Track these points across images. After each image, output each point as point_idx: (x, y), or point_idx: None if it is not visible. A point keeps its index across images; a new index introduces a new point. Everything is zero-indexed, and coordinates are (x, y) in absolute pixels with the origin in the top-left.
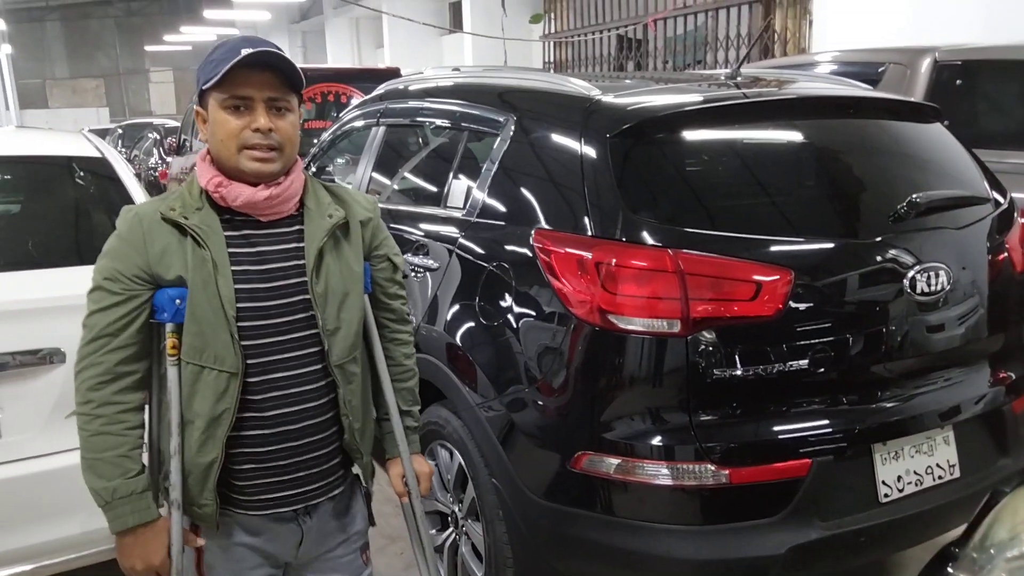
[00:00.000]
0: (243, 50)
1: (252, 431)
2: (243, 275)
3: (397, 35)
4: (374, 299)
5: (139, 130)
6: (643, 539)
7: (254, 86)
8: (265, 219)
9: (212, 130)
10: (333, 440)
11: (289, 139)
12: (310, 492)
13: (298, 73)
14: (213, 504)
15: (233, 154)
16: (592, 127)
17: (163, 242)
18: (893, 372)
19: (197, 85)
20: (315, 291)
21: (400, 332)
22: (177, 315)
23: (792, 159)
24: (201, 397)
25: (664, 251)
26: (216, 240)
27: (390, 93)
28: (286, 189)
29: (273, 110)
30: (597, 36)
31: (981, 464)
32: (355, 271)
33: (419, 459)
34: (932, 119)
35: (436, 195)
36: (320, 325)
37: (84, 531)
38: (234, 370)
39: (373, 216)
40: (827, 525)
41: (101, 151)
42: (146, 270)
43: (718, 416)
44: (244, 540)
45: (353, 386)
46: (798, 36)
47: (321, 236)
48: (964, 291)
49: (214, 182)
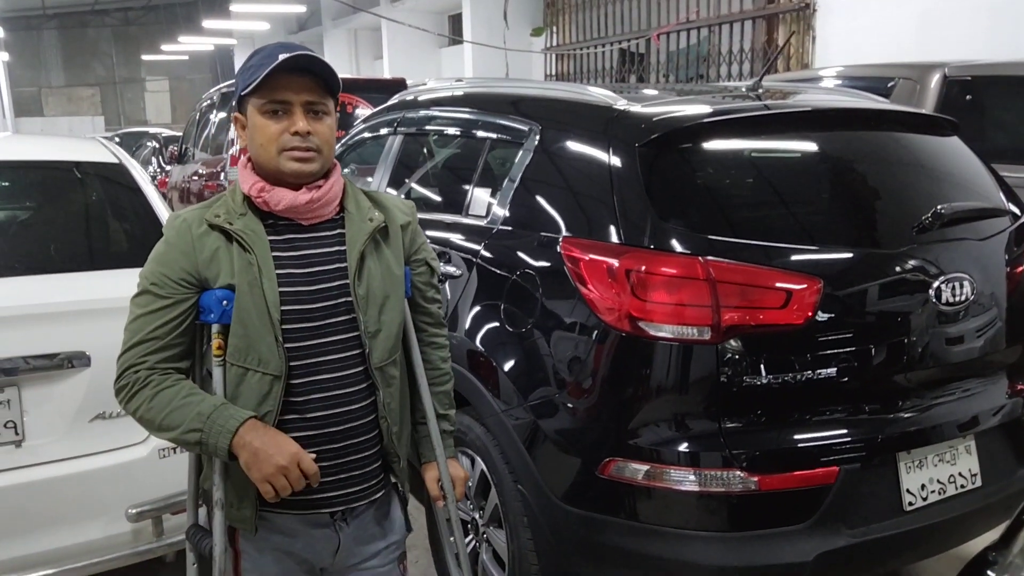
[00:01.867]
0: (280, 55)
1: (295, 433)
2: (287, 278)
3: (396, 46)
4: (412, 303)
5: (136, 139)
6: (671, 545)
7: (292, 90)
8: (307, 223)
9: (251, 135)
10: (374, 443)
11: (327, 141)
12: (351, 495)
13: (335, 77)
14: (253, 506)
15: (273, 157)
16: (620, 136)
17: (211, 247)
18: (917, 381)
19: (236, 91)
20: (357, 293)
21: (437, 336)
22: (224, 316)
23: (817, 169)
24: (245, 399)
25: (695, 259)
26: (261, 244)
27: (406, 103)
28: (327, 192)
29: (311, 113)
30: (599, 50)
31: (1003, 473)
32: (396, 274)
33: (454, 463)
34: (950, 132)
35: (458, 203)
36: (361, 328)
37: (106, 535)
38: (278, 373)
39: (412, 220)
40: (854, 533)
41: (119, 157)
42: (194, 274)
43: (746, 423)
44: (281, 544)
45: (392, 389)
46: (801, 52)
47: (363, 239)
48: (985, 302)
49: (257, 187)
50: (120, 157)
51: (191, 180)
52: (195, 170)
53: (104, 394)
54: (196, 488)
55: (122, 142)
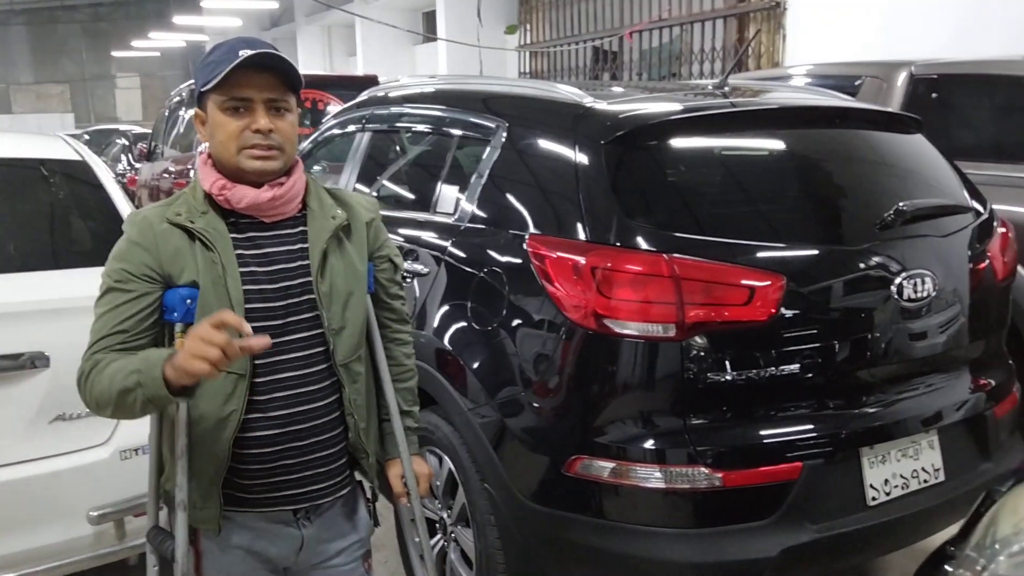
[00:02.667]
0: (241, 51)
1: (258, 432)
2: (250, 276)
3: (370, 43)
4: (376, 299)
5: (106, 136)
6: (638, 542)
7: (254, 87)
8: (269, 220)
9: (212, 132)
10: (339, 440)
11: (289, 139)
12: (315, 492)
13: (297, 73)
14: (216, 506)
15: (233, 155)
16: (586, 134)
17: (174, 245)
18: (879, 377)
19: (195, 87)
20: (320, 291)
21: (401, 332)
22: (188, 315)
23: (782, 167)
24: (208, 398)
25: (659, 256)
26: (223, 243)
27: (375, 99)
28: (289, 189)
29: (272, 111)
30: (573, 48)
31: (965, 468)
32: (359, 271)
33: (418, 460)
34: (915, 130)
35: (425, 201)
36: (325, 324)
37: (67, 538)
38: (242, 371)
39: (375, 217)
40: (818, 528)
41: (81, 154)
42: (157, 269)
43: (711, 420)
44: (243, 543)
45: (358, 385)
46: (772, 50)
47: (325, 237)
48: (947, 298)
49: (218, 185)
50: (83, 154)
51: (161, 178)
52: (165, 168)
53: (64, 395)
54: (157, 489)
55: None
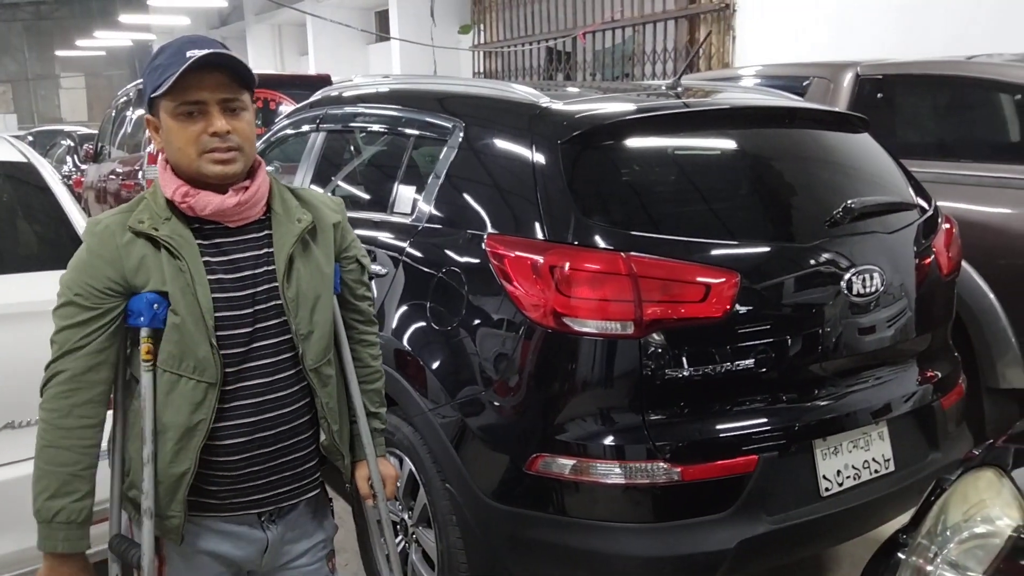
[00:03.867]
0: (189, 52)
1: (226, 440)
2: (218, 284)
3: (322, 42)
4: (342, 300)
5: (50, 137)
6: (598, 538)
7: (206, 89)
8: (234, 225)
9: (168, 139)
10: (308, 444)
11: (247, 138)
12: (281, 495)
13: (248, 70)
14: (181, 516)
15: (194, 160)
16: (543, 133)
17: (138, 255)
18: (831, 370)
19: (144, 93)
20: (287, 296)
21: (367, 333)
22: (154, 320)
23: (734, 166)
24: (176, 407)
25: (617, 254)
26: (190, 250)
27: (329, 99)
28: (254, 194)
29: (228, 111)
30: (527, 48)
31: (914, 458)
32: (325, 273)
33: (384, 462)
34: (861, 129)
35: (382, 201)
36: (293, 330)
37: (22, 548)
38: (213, 380)
39: (341, 218)
40: (773, 519)
41: (27, 156)
42: (120, 282)
43: (669, 415)
44: (207, 548)
45: (329, 389)
46: (722, 51)
47: (291, 241)
48: (895, 293)
49: (180, 192)
50: (28, 156)
51: (108, 179)
52: (112, 169)
53: (12, 402)
54: (120, 496)
55: (36, 140)
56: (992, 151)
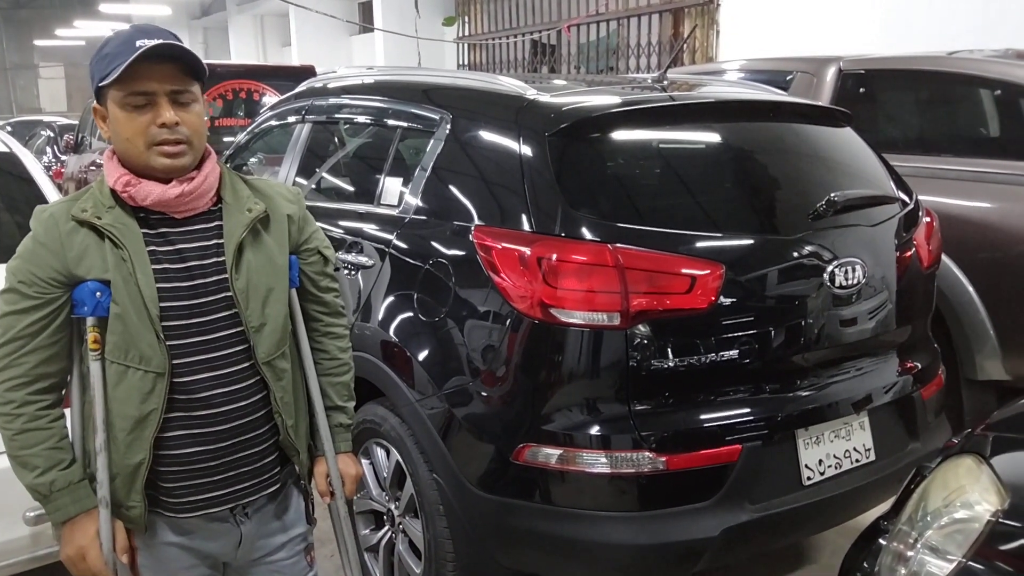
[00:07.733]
0: (139, 42)
1: (180, 432)
2: (163, 274)
3: (305, 33)
4: (304, 292)
5: (29, 128)
6: (584, 527)
7: (155, 80)
8: (180, 216)
9: (115, 129)
10: (266, 439)
11: (196, 131)
12: (240, 492)
13: (199, 61)
14: (141, 506)
15: (142, 152)
16: (530, 126)
17: (81, 244)
18: (813, 361)
19: (92, 82)
20: (236, 287)
21: (334, 325)
22: (98, 308)
23: (719, 159)
24: (126, 397)
25: (604, 246)
26: (132, 239)
27: (314, 90)
28: (199, 185)
29: (177, 103)
30: (511, 40)
31: (894, 447)
32: (279, 265)
33: (347, 459)
34: (844, 123)
35: (369, 193)
36: (244, 322)
37: (3, 540)
38: (161, 370)
39: (298, 208)
40: (756, 508)
41: (9, 146)
42: (63, 273)
43: (655, 405)
44: (176, 540)
45: (284, 383)
46: (706, 45)
47: (240, 232)
48: (876, 285)
49: (122, 181)
50: (10, 146)
51: (88, 170)
52: (92, 160)
53: None
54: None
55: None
56: (972, 146)
